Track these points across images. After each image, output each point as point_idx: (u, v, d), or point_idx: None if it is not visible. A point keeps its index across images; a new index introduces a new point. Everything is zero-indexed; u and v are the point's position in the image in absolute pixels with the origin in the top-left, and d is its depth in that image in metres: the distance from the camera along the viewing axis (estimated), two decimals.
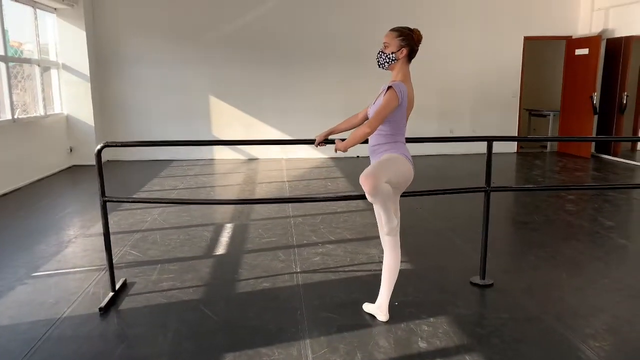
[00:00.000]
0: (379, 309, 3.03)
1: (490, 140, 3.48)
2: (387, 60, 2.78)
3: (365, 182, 2.59)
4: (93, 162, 8.89)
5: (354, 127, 3.18)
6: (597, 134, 9.05)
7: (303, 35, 9.01)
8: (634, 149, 9.67)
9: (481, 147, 9.55)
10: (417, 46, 2.82)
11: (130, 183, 7.10)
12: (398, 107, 2.70)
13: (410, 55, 2.81)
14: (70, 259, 4.11)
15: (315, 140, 3.19)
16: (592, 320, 3.03)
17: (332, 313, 3.12)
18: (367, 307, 3.13)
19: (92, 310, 3.15)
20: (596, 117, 8.95)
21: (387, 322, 2.99)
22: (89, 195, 6.41)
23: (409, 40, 2.77)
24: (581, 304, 3.27)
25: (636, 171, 7.89)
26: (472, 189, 3.69)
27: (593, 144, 9.23)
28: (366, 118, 3.04)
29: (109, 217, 4.96)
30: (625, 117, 8.86)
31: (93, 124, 8.44)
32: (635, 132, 9.38)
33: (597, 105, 8.85)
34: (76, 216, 5.45)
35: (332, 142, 3.19)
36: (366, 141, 2.93)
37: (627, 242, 4.59)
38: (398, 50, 2.76)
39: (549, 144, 10.01)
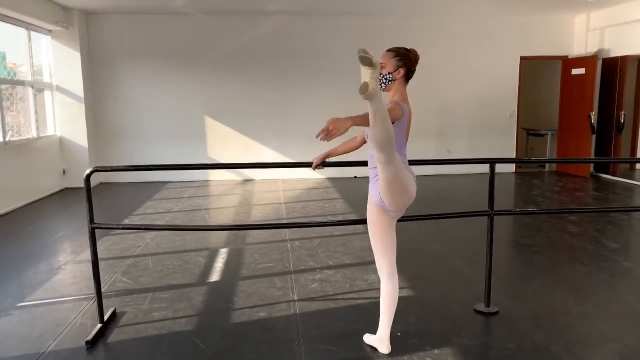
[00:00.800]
0: (379, 340, 2.90)
1: (492, 162, 3.39)
2: (384, 81, 2.69)
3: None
4: None
5: (354, 149, 3.10)
6: (595, 153, 8.99)
7: (299, 55, 8.98)
8: (632, 168, 9.62)
9: (479, 167, 9.46)
10: (415, 66, 2.74)
11: (123, 206, 6.96)
12: (399, 122, 2.59)
13: (408, 75, 2.72)
14: (59, 287, 3.95)
15: (312, 162, 3.09)
16: (602, 350, 2.90)
17: (331, 345, 2.98)
18: (368, 338, 3.00)
19: (78, 344, 3.00)
20: (594, 136, 8.91)
21: (389, 354, 2.85)
22: (81, 219, 6.26)
23: (406, 60, 2.69)
24: (590, 332, 3.14)
25: (635, 190, 7.81)
26: (474, 212, 3.57)
27: (592, 163, 9.16)
28: (364, 141, 2.95)
29: (100, 242, 4.84)
30: (623, 135, 8.82)
31: (87, 146, 8.33)
32: (633, 150, 9.32)
33: (595, 125, 8.81)
34: (67, 241, 5.30)
35: (330, 165, 3.10)
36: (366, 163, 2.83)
37: (631, 264, 4.47)
38: (395, 71, 2.67)
39: (547, 164, 9.94)
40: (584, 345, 2.96)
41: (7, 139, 6.73)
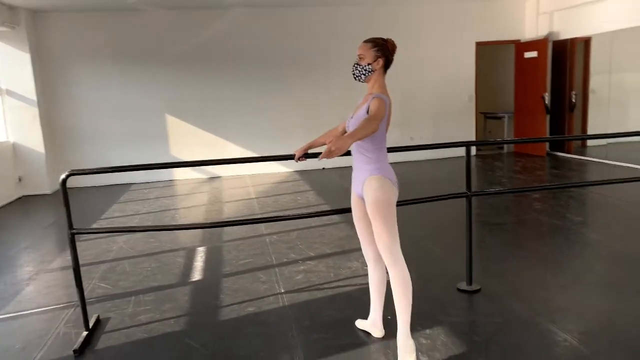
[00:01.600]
0: (373, 325, 2.94)
1: (468, 145, 3.48)
2: (364, 72, 2.69)
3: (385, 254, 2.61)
4: (45, 191, 8.46)
5: None
6: (550, 133, 9.35)
7: (263, 50, 8.88)
8: (584, 145, 10.07)
9: (442, 153, 9.67)
10: (392, 56, 2.76)
11: (89, 210, 6.72)
12: (382, 118, 2.62)
13: (387, 65, 2.75)
14: (34, 298, 3.80)
15: (291, 156, 3.07)
16: (585, 319, 3.05)
17: (325, 333, 3.00)
18: (360, 323, 3.04)
19: (66, 353, 2.90)
20: (548, 116, 9.26)
21: (382, 337, 2.90)
22: (44, 227, 6.03)
23: (384, 50, 2.71)
24: (569, 302, 3.29)
25: (588, 166, 8.21)
26: (454, 195, 3.66)
27: (547, 142, 9.53)
28: (345, 132, 2.94)
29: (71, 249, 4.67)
30: (575, 115, 9.21)
31: (43, 151, 7.99)
32: (584, 128, 9.72)
33: (549, 105, 9.16)
34: (33, 251, 5.09)
35: (312, 155, 3.09)
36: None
37: (598, 236, 4.69)
38: (374, 62, 2.68)
39: (505, 145, 10.27)
40: (567, 315, 3.09)
41: None
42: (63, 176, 2.94)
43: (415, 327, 3.00)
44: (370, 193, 2.60)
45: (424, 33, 9.39)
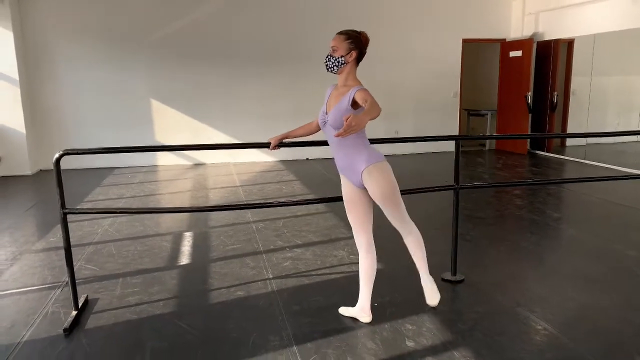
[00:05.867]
0: (362, 310, 3.02)
1: (458, 139, 3.57)
2: (337, 64, 2.73)
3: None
4: (25, 172, 8.35)
5: (310, 134, 3.11)
6: (531, 131, 9.55)
7: (248, 37, 8.86)
8: (563, 144, 10.30)
9: (425, 147, 9.76)
10: (365, 49, 2.80)
11: (71, 193, 6.60)
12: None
13: (359, 58, 2.78)
14: (19, 278, 3.78)
15: (269, 144, 3.10)
16: (562, 309, 3.17)
17: (314, 318, 3.07)
18: (345, 311, 3.10)
19: (55, 332, 2.91)
20: (530, 115, 9.45)
21: (370, 323, 2.98)
22: (25, 208, 5.96)
23: (358, 42, 2.75)
24: (549, 293, 3.41)
25: (566, 165, 8.43)
26: (443, 187, 3.76)
27: (529, 141, 9.73)
28: (319, 128, 2.97)
29: (55, 230, 4.65)
30: (556, 115, 9.43)
31: (24, 131, 7.86)
32: (564, 127, 9.94)
33: (532, 104, 9.35)
34: (15, 232, 5.03)
35: (287, 145, 3.14)
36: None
37: (574, 231, 4.85)
38: (347, 54, 2.72)
39: (487, 141, 10.45)
40: (546, 305, 3.22)
41: None
42: (57, 155, 2.93)
43: (402, 314, 3.10)
44: (376, 184, 2.72)
45: (411, 27, 9.47)
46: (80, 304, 3.16)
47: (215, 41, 8.74)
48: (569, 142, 9.87)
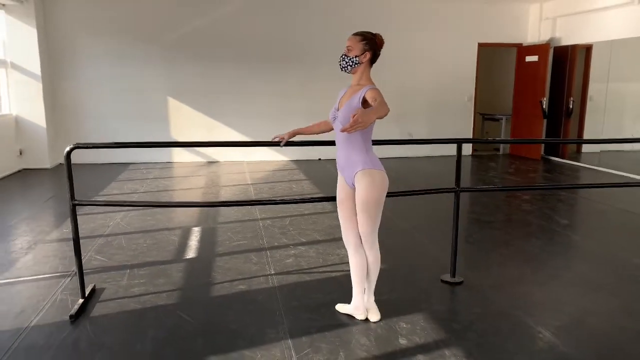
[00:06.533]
0: (356, 308, 3.07)
1: (459, 142, 3.60)
2: (351, 64, 2.81)
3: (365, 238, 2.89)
4: (45, 165, 8.57)
5: (323, 132, 3.20)
6: (546, 137, 9.48)
7: (265, 37, 8.97)
8: (579, 151, 10.20)
9: (441, 150, 9.78)
10: (379, 50, 2.87)
11: (87, 187, 6.82)
12: None
13: (373, 59, 2.85)
14: (32, 266, 3.92)
15: (280, 141, 3.19)
16: (559, 313, 3.19)
17: (311, 314, 3.13)
18: (342, 307, 3.16)
19: (62, 318, 3.03)
20: (545, 121, 9.39)
21: (365, 320, 3.04)
22: (44, 200, 6.15)
23: (372, 44, 2.82)
24: (548, 298, 3.43)
25: (581, 172, 8.34)
26: (443, 189, 3.80)
27: (543, 146, 9.65)
28: (332, 128, 3.05)
29: (67, 222, 4.79)
30: (572, 121, 9.34)
31: (45, 126, 8.08)
32: (580, 134, 9.86)
33: (546, 110, 9.28)
34: (32, 222, 5.20)
35: (296, 144, 3.23)
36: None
37: (580, 238, 4.84)
38: (362, 54, 2.79)
39: (501, 146, 10.41)
40: (542, 309, 3.24)
41: None
42: (68, 149, 3.05)
43: (398, 312, 3.15)
44: (363, 188, 2.77)
45: (427, 30, 9.48)
46: (87, 293, 3.28)
47: (231, 41, 8.87)
48: (585, 148, 9.78)
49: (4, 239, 4.60)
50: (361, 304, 3.05)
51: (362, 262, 2.98)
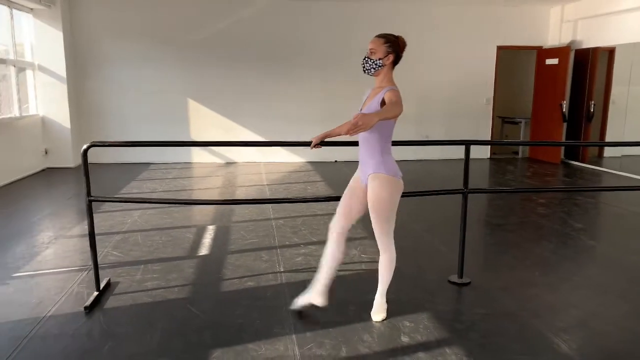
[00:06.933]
0: (317, 294, 3.00)
1: (467, 143, 3.62)
2: (374, 67, 2.84)
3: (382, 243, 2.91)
4: (68, 164, 8.81)
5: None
6: (566, 141, 9.37)
7: (284, 40, 9.09)
8: (600, 155, 10.04)
9: (457, 153, 9.76)
10: (402, 52, 2.90)
11: (108, 186, 7.01)
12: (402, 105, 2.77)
13: (395, 61, 2.89)
14: (51, 260, 4.08)
15: (311, 142, 3.25)
16: (565, 315, 3.19)
17: (317, 310, 3.19)
18: (301, 299, 3.07)
19: (77, 309, 3.16)
20: (565, 124, 9.27)
21: (370, 319, 3.08)
22: (66, 198, 6.35)
23: (395, 46, 2.85)
24: (554, 300, 3.43)
25: (602, 177, 8.21)
26: (451, 190, 3.82)
27: (562, 150, 9.54)
28: None
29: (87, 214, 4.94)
30: (593, 125, 9.20)
31: (69, 126, 8.34)
32: (601, 139, 9.70)
33: (566, 113, 9.17)
34: (55, 218, 5.39)
35: (325, 144, 3.29)
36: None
37: (595, 243, 4.80)
38: (385, 57, 2.83)
39: (520, 150, 10.31)
40: (549, 311, 3.24)
41: None
42: (84, 147, 3.18)
43: (402, 311, 3.19)
44: (373, 192, 2.81)
45: (446, 33, 9.47)
46: (102, 286, 3.41)
47: (250, 43, 9.00)
48: (606, 152, 9.62)
49: (28, 235, 4.78)
50: (323, 291, 2.99)
51: (335, 254, 2.96)
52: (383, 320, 3.06)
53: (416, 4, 9.21)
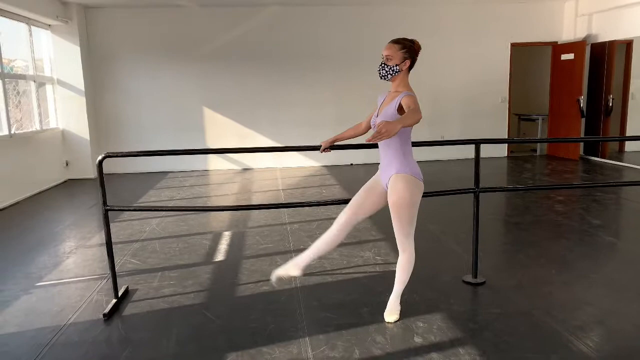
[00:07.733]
0: (295, 264, 3.08)
1: (478, 142, 3.62)
2: (391, 72, 2.85)
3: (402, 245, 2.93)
4: (89, 175, 9.01)
5: (358, 135, 3.30)
6: (581, 137, 9.23)
7: (296, 46, 9.17)
8: (621, 150, 9.87)
9: (473, 152, 9.70)
10: (417, 56, 2.92)
11: (127, 195, 7.17)
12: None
13: (411, 66, 2.91)
14: (72, 269, 4.19)
15: (320, 146, 3.30)
16: (581, 313, 3.15)
17: (330, 313, 3.22)
18: (279, 270, 3.12)
19: (96, 317, 3.24)
20: (583, 120, 9.14)
21: (383, 320, 3.09)
22: (87, 208, 6.49)
23: (411, 52, 2.86)
24: (570, 298, 3.39)
25: (623, 172, 8.06)
26: (462, 190, 3.82)
27: (582, 146, 9.40)
28: (369, 127, 3.15)
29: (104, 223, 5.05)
30: (612, 119, 9.06)
31: (88, 138, 8.53)
32: (622, 133, 9.55)
33: (584, 109, 9.04)
34: (75, 228, 5.53)
35: (337, 148, 3.33)
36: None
37: (614, 239, 4.72)
38: (402, 62, 2.84)
39: (538, 147, 10.19)
40: (564, 310, 3.21)
41: (12, 132, 6.93)
42: (99, 158, 3.26)
43: (416, 311, 3.19)
44: (395, 193, 2.83)
45: (459, 32, 9.44)
46: (120, 293, 3.49)
47: (263, 51, 9.10)
48: (627, 147, 9.46)
49: (50, 245, 4.91)
50: (302, 264, 3.05)
51: (331, 240, 3.04)
52: (396, 321, 3.08)
53: (426, 5, 9.21)
